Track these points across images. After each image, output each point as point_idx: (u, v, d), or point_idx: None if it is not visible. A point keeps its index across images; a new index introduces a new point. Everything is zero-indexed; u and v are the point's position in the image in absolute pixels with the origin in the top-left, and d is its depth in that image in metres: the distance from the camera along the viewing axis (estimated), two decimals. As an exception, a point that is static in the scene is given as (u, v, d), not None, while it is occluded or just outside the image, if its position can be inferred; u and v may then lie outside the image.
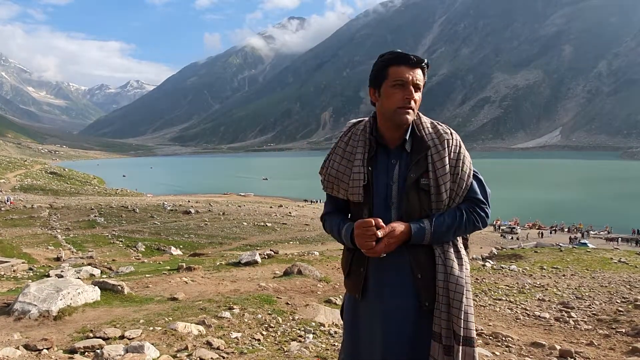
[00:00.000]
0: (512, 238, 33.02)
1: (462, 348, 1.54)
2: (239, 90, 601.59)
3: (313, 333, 4.51)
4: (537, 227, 39.49)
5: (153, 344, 3.69)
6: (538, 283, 8.26)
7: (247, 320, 4.75)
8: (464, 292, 1.55)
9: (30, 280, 7.72)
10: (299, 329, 4.62)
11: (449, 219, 1.57)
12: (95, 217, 31.10)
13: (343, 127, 1.79)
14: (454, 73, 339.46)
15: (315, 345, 4.08)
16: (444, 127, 1.66)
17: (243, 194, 63.77)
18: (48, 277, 7.90)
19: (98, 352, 3.49)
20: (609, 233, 36.12)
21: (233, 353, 3.77)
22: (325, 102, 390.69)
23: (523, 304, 6.53)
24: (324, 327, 4.79)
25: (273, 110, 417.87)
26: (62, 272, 8.88)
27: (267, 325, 4.67)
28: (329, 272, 8.59)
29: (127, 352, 3.44)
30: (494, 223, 37.65)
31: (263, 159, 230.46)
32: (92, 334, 4.06)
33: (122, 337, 4.00)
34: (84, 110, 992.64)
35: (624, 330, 5.11)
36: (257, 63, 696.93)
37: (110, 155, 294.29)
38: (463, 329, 1.54)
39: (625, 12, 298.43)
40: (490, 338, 4.68)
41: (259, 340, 4.18)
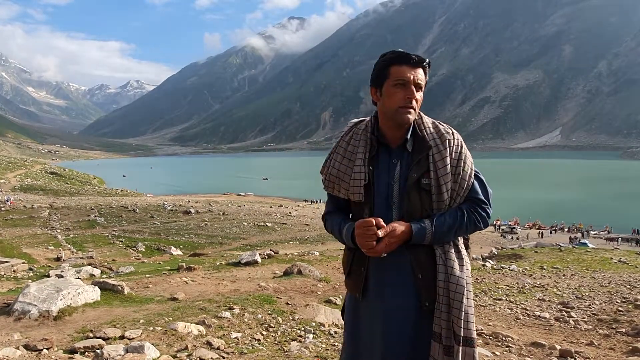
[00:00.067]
0: (512, 238, 33.02)
1: (462, 348, 1.54)
2: (239, 90, 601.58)
3: (313, 333, 4.51)
4: (537, 227, 39.50)
5: (153, 344, 3.69)
6: (538, 283, 8.26)
7: (247, 320, 4.75)
8: (465, 292, 1.55)
9: (30, 281, 7.72)
10: (299, 329, 4.62)
11: (450, 219, 1.57)
12: (95, 217, 31.10)
13: (343, 127, 1.78)
14: (454, 73, 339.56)
15: (315, 345, 4.08)
16: (446, 126, 1.66)
17: (243, 194, 63.75)
18: (48, 277, 7.90)
19: (98, 352, 3.49)
20: (609, 233, 36.13)
21: (233, 353, 3.77)
22: (325, 102, 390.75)
23: (523, 304, 6.53)
24: (324, 327, 4.79)
25: (273, 110, 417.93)
26: (62, 272, 8.88)
27: (267, 325, 4.67)
28: (329, 272, 8.59)
29: (127, 352, 3.44)
30: (494, 223, 37.66)
31: (263, 159, 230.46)
32: (92, 334, 4.06)
33: (122, 337, 4.00)
34: (84, 110, 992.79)
35: (624, 330, 5.11)
36: (257, 63, 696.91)
37: (110, 155, 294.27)
38: (463, 329, 1.54)
39: (625, 12, 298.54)
40: (491, 338, 4.68)
41: (259, 340, 4.18)
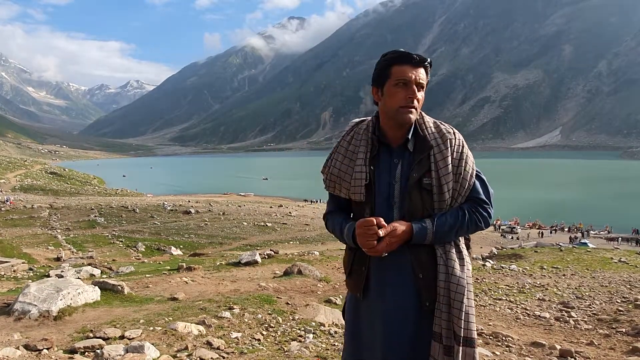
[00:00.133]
0: (512, 238, 33.05)
1: (462, 348, 1.54)
2: (239, 90, 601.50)
3: (313, 333, 4.51)
4: (537, 226, 39.51)
5: (153, 344, 3.69)
6: (538, 283, 8.26)
7: (247, 320, 4.75)
8: (465, 292, 1.55)
9: (31, 281, 7.72)
10: (299, 329, 4.62)
11: (451, 219, 1.57)
12: (96, 217, 31.11)
13: (343, 127, 1.78)
14: (454, 73, 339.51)
15: (315, 345, 4.08)
16: (447, 126, 1.66)
17: (243, 194, 63.75)
18: (48, 277, 7.90)
19: (98, 352, 3.49)
20: (609, 233, 36.14)
21: (233, 353, 3.77)
22: (325, 102, 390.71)
23: (523, 304, 6.53)
24: (324, 327, 4.79)
25: (273, 110, 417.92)
26: (62, 272, 8.88)
27: (267, 325, 4.66)
28: (329, 272, 8.59)
29: (127, 352, 3.44)
30: (494, 223, 37.67)
31: (263, 159, 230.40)
32: (92, 334, 4.06)
33: (122, 337, 4.00)
34: (84, 110, 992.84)
35: (624, 330, 5.10)
36: (257, 63, 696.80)
37: (110, 155, 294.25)
38: (463, 330, 1.54)
39: (625, 12, 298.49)
40: (491, 338, 4.68)
41: (259, 340, 4.18)
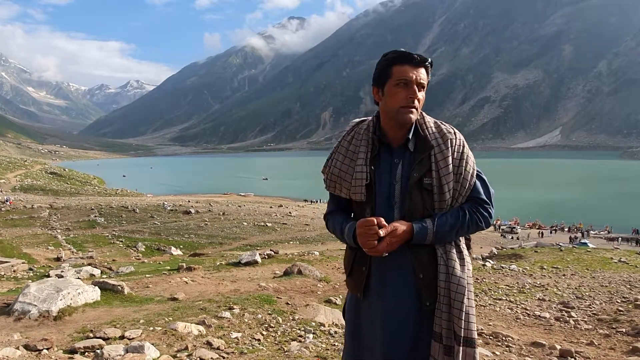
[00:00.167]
0: (512, 238, 33.06)
1: (462, 349, 1.54)
2: (239, 90, 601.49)
3: (313, 333, 4.51)
4: (537, 226, 39.51)
5: (153, 344, 3.69)
6: (538, 283, 8.25)
7: (247, 320, 4.75)
8: (466, 292, 1.55)
9: (30, 281, 7.72)
10: (299, 329, 4.62)
11: (452, 219, 1.57)
12: (96, 217, 31.12)
13: (343, 127, 1.78)
14: (454, 73, 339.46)
15: (316, 345, 4.07)
16: (448, 126, 1.66)
17: (243, 194, 63.75)
18: (48, 277, 7.90)
19: (98, 352, 3.49)
20: (609, 233, 36.14)
21: (233, 353, 3.77)
22: (325, 102, 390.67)
23: (523, 304, 6.53)
24: (324, 327, 4.79)
25: (273, 110, 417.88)
26: (62, 272, 8.88)
27: (267, 325, 4.66)
28: (329, 272, 8.59)
29: (127, 352, 3.44)
30: (494, 223, 37.67)
31: (263, 159, 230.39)
32: (92, 334, 4.06)
33: (122, 337, 4.00)
34: (84, 110, 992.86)
35: (624, 330, 5.10)
36: (257, 63, 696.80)
37: (110, 156, 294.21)
38: (464, 330, 1.54)
39: (625, 12, 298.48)
40: (491, 338, 4.68)
41: (259, 340, 4.18)
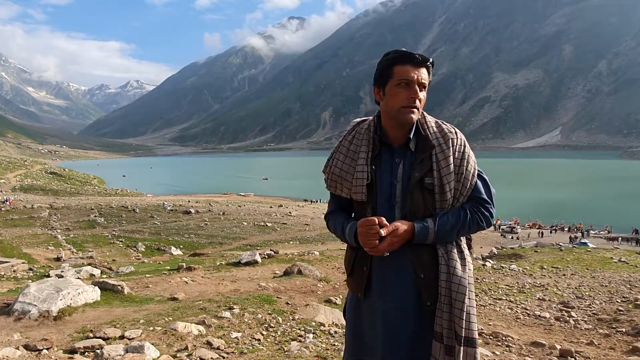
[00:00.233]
0: (512, 237, 33.03)
1: (463, 348, 1.54)
2: (239, 90, 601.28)
3: (313, 333, 4.51)
4: (537, 226, 39.50)
5: (153, 344, 3.69)
6: (538, 282, 8.25)
7: (247, 320, 4.75)
8: (467, 292, 1.55)
9: (30, 281, 7.72)
10: (299, 329, 4.62)
11: (453, 219, 1.57)
12: (95, 217, 31.12)
13: (343, 126, 1.78)
14: (454, 72, 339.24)
15: (315, 345, 4.07)
16: (449, 126, 1.66)
17: (243, 194, 63.74)
18: (48, 277, 7.90)
19: (98, 352, 3.49)
20: (609, 232, 36.12)
21: (233, 353, 3.77)
22: (325, 102, 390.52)
23: (523, 304, 6.52)
24: (324, 326, 4.79)
25: (273, 110, 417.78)
26: (62, 272, 8.88)
27: (267, 325, 4.66)
28: (329, 271, 8.59)
29: (127, 352, 3.44)
30: (494, 223, 37.61)
31: (263, 159, 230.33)
32: (92, 334, 4.06)
33: (122, 337, 4.00)
34: (84, 110, 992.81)
35: (624, 330, 5.10)
36: (257, 63, 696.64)
37: (110, 156, 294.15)
38: (465, 330, 1.54)
39: (625, 12, 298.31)
40: (491, 337, 4.68)
41: (259, 340, 4.18)
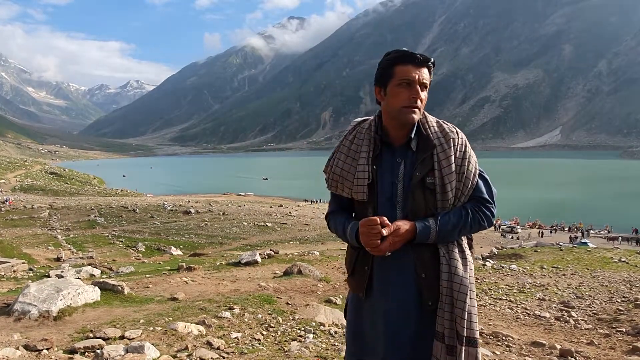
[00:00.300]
0: (512, 237, 33.03)
1: (464, 348, 1.54)
2: (239, 90, 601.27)
3: (313, 333, 4.50)
4: (537, 226, 39.50)
5: (153, 344, 3.69)
6: (538, 282, 8.25)
7: (247, 320, 4.75)
8: (468, 292, 1.54)
9: (30, 281, 7.71)
10: (299, 329, 4.62)
11: (455, 218, 1.57)
12: (95, 217, 31.12)
13: (343, 126, 1.78)
14: (454, 72, 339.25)
15: (316, 345, 4.07)
16: (450, 126, 1.66)
17: (243, 194, 63.74)
18: (48, 277, 7.90)
19: (98, 352, 3.48)
20: (609, 232, 36.12)
21: (233, 353, 3.77)
22: (325, 102, 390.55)
23: (523, 304, 6.52)
24: (324, 326, 4.79)
25: (273, 110, 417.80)
26: (62, 272, 8.88)
27: (267, 325, 4.66)
28: (329, 271, 8.59)
29: (127, 352, 3.43)
30: (494, 222, 37.57)
31: (263, 159, 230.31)
32: (92, 334, 4.06)
33: (122, 337, 4.00)
34: (84, 111, 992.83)
35: (624, 330, 5.10)
36: (257, 63, 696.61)
37: (110, 156, 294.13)
38: (466, 329, 1.54)
39: (625, 11, 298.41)
40: (491, 337, 4.68)
41: (259, 340, 4.18)
